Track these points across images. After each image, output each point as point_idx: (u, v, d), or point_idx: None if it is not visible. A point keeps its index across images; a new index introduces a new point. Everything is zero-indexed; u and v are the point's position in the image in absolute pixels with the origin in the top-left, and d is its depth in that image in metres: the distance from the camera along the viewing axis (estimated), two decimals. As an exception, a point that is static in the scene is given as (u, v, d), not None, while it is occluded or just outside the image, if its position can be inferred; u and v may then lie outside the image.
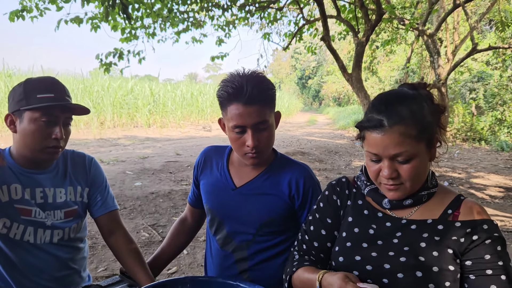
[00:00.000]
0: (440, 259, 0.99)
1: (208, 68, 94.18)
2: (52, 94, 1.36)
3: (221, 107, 1.34)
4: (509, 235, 4.52)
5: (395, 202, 1.08)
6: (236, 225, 1.45)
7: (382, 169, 1.02)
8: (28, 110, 1.34)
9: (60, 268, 1.50)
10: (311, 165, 8.68)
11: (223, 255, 1.49)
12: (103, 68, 6.45)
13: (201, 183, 1.55)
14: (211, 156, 1.56)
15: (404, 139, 0.97)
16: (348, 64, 7.59)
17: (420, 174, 1.03)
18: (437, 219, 1.04)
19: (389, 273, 1.02)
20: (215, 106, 21.89)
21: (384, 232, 1.08)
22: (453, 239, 1.00)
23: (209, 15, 7.32)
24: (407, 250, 1.02)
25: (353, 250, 1.09)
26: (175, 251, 1.72)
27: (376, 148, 1.00)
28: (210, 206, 1.51)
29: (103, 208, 1.58)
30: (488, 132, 13.25)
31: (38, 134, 1.35)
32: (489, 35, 17.77)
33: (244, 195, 1.43)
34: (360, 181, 1.18)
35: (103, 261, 3.65)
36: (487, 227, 0.99)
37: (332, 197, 1.21)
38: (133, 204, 5.14)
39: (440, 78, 11.51)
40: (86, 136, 12.31)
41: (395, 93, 1.05)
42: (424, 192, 1.07)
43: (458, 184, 7.18)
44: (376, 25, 6.24)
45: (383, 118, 0.98)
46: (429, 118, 1.01)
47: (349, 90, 31.20)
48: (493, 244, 0.97)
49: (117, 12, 4.60)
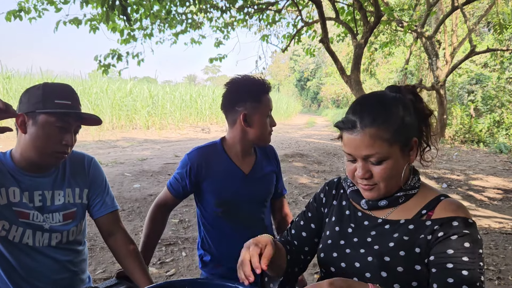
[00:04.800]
0: (406, 259, 0.99)
1: (207, 70, 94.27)
2: (69, 102, 1.39)
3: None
4: (507, 237, 4.52)
5: (371, 202, 1.09)
6: (253, 204, 1.72)
7: (357, 169, 1.04)
8: (45, 113, 1.35)
9: (60, 271, 1.50)
10: (309, 167, 8.69)
11: (249, 236, 1.62)
12: (102, 69, 6.45)
13: (205, 184, 1.66)
14: (204, 157, 1.67)
15: (375, 141, 0.98)
16: (346, 66, 7.59)
17: (394, 176, 1.03)
18: (410, 219, 1.04)
19: (358, 272, 1.04)
20: (213, 108, 21.90)
21: (361, 230, 1.10)
22: (421, 237, 0.99)
23: (207, 17, 7.33)
24: (376, 249, 1.03)
25: (332, 247, 1.12)
26: (159, 237, 1.78)
27: (350, 148, 1.02)
28: (226, 198, 1.66)
29: (103, 209, 1.57)
30: (487, 134, 13.28)
31: (50, 138, 1.36)
32: (487, 38, 17.80)
33: (254, 178, 1.71)
34: (345, 183, 1.22)
35: (102, 263, 3.64)
36: (456, 224, 0.96)
37: (319, 195, 1.28)
38: (131, 206, 5.13)
39: (439, 80, 11.53)
40: (85, 138, 12.28)
41: (374, 95, 1.07)
42: (401, 193, 1.07)
43: (456, 186, 7.18)
44: (375, 27, 6.26)
45: (357, 119, 1.00)
46: (406, 122, 1.00)
47: (348, 92, 31.24)
48: (460, 240, 0.94)
49: (116, 13, 4.60)
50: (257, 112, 1.63)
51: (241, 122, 1.63)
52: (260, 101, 1.63)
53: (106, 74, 6.68)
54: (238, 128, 1.65)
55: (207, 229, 1.75)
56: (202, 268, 1.79)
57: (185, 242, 4.23)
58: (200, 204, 1.75)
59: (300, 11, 7.24)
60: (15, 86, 13.48)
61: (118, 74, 7.21)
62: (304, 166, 8.77)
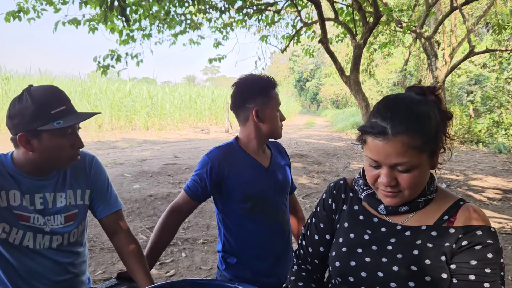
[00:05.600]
0: (432, 268, 0.96)
1: (206, 71, 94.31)
2: (63, 106, 1.35)
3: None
4: (507, 237, 4.53)
5: (391, 208, 1.05)
6: (277, 195, 1.77)
7: (381, 176, 0.99)
8: (48, 130, 1.32)
9: (60, 273, 1.49)
10: (309, 167, 8.70)
11: (275, 227, 1.76)
12: (101, 70, 6.45)
13: (229, 181, 1.67)
14: (224, 155, 1.68)
15: (407, 150, 0.93)
16: (346, 67, 7.60)
17: (420, 183, 1.00)
18: (431, 225, 1.01)
19: (382, 281, 1.00)
20: (213, 109, 21.90)
21: (379, 237, 1.06)
22: (446, 245, 0.97)
23: (206, 18, 7.33)
24: (400, 258, 1.00)
25: (348, 256, 1.08)
26: (168, 242, 1.75)
27: (378, 155, 0.97)
28: (252, 192, 1.68)
29: (107, 209, 1.56)
30: (486, 135, 13.28)
31: (61, 148, 1.36)
32: (486, 38, 17.83)
33: (274, 171, 1.77)
34: (358, 185, 1.16)
35: (101, 264, 3.64)
36: (480, 233, 0.95)
37: (327, 201, 1.21)
38: (131, 206, 5.13)
39: (438, 80, 11.53)
40: (84, 139, 12.05)
41: (402, 98, 1.01)
42: (421, 199, 1.04)
43: (456, 186, 7.18)
44: (374, 27, 6.26)
45: (387, 125, 0.94)
46: (435, 128, 0.97)
47: (347, 92, 31.26)
48: (484, 250, 0.93)
49: (115, 14, 4.60)
50: (268, 107, 1.69)
51: (253, 118, 1.67)
52: (270, 96, 1.70)
53: (105, 75, 6.67)
54: (251, 124, 1.69)
55: (230, 230, 1.73)
56: (225, 270, 1.75)
57: (185, 242, 4.22)
58: (222, 205, 1.73)
59: (299, 12, 7.24)
60: (14, 87, 13.49)
61: (117, 75, 7.21)
62: (303, 166, 8.77)
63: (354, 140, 1.80)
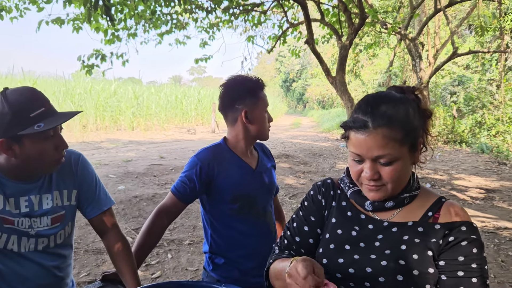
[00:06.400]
0: (420, 262, 0.99)
1: (192, 71, 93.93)
2: (43, 108, 1.30)
3: None
4: (489, 236, 4.61)
5: (377, 204, 1.07)
6: (264, 196, 1.80)
7: (364, 170, 1.02)
8: (29, 135, 1.27)
9: (45, 277, 1.46)
10: (295, 168, 8.72)
11: (262, 227, 1.78)
12: (85, 70, 6.37)
13: (218, 181, 1.66)
14: (214, 155, 1.68)
15: (387, 142, 0.97)
16: (332, 67, 7.66)
17: (402, 177, 1.03)
18: (417, 221, 1.04)
19: (370, 277, 1.02)
20: (199, 109, 21.83)
21: (367, 234, 1.08)
22: (433, 241, 1.00)
23: (193, 17, 7.30)
24: (388, 254, 1.02)
25: (336, 252, 1.08)
26: (155, 244, 1.73)
27: (360, 149, 1.00)
28: (241, 192, 1.69)
29: (96, 209, 1.53)
30: (469, 135, 13.51)
31: (45, 152, 1.32)
32: (469, 40, 18.15)
33: (261, 172, 1.78)
34: (344, 183, 1.18)
35: (86, 266, 3.59)
36: (465, 229, 0.99)
37: (317, 197, 1.21)
38: (116, 208, 5.08)
39: (422, 81, 11.69)
40: (68, 139, 11.99)
41: (383, 95, 1.05)
42: (406, 195, 1.07)
43: (440, 186, 7.29)
44: (359, 28, 6.32)
45: (368, 119, 0.98)
46: (414, 122, 1.01)
47: (333, 93, 31.48)
48: (469, 246, 0.97)
49: (100, 13, 4.55)
50: (257, 108, 1.70)
51: (242, 119, 1.68)
52: (258, 97, 1.71)
53: (89, 75, 6.59)
54: (239, 125, 1.70)
55: (218, 231, 1.73)
56: (212, 271, 1.74)
57: (171, 244, 4.20)
58: (210, 205, 1.73)
59: (285, 12, 7.26)
60: (-4, 86, 13.24)
61: (102, 75, 7.13)
62: (290, 167, 8.80)
63: (339, 139, 1.82)
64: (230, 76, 1.74)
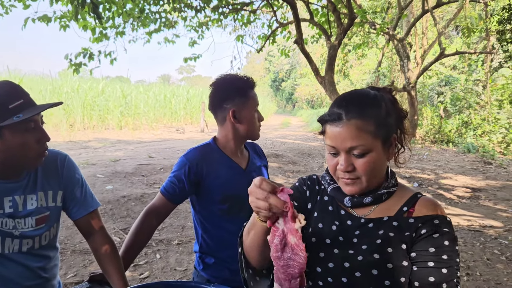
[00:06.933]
0: (394, 256, 1.01)
1: (181, 70, 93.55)
2: (21, 100, 1.30)
3: None
4: (475, 234, 4.67)
5: (356, 199, 1.10)
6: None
7: (339, 163, 1.05)
8: (8, 126, 1.26)
9: (30, 278, 1.44)
10: (284, 167, 8.74)
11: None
12: (72, 68, 6.30)
13: (208, 181, 1.65)
14: (203, 155, 1.66)
15: (360, 133, 1.00)
16: (321, 67, 7.67)
17: (376, 170, 1.05)
18: (392, 216, 1.07)
19: (348, 271, 1.04)
20: (188, 109, 21.74)
21: (346, 230, 1.10)
22: (406, 234, 1.02)
23: (182, 16, 7.27)
24: (364, 249, 1.04)
25: (317, 246, 1.11)
26: (144, 244, 1.72)
27: (334, 140, 1.03)
28: (230, 193, 1.66)
29: (82, 210, 1.52)
30: (456, 135, 13.68)
31: (26, 144, 1.30)
32: (456, 41, 18.37)
33: (251, 172, 1.76)
34: (324, 180, 1.21)
35: (73, 267, 3.55)
36: (437, 222, 1.01)
37: (302, 187, 1.24)
38: (104, 208, 5.03)
39: (410, 81, 11.80)
40: (55, 138, 11.96)
41: (358, 91, 1.09)
42: (384, 191, 1.09)
43: (427, 185, 7.36)
44: (348, 29, 6.36)
45: (342, 111, 1.02)
46: (387, 118, 1.04)
47: (322, 92, 31.60)
48: (441, 238, 0.99)
49: (87, 11, 4.50)
50: (246, 107, 1.67)
51: (230, 119, 1.66)
52: (248, 96, 1.68)
53: (77, 73, 6.53)
54: (228, 125, 1.68)
55: (208, 231, 1.72)
56: (202, 270, 1.74)
57: (160, 244, 4.17)
58: (199, 206, 1.72)
59: (275, 12, 7.27)
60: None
61: (90, 73, 7.07)
62: (279, 166, 8.81)
63: (317, 133, 1.83)
64: (220, 75, 1.72)
